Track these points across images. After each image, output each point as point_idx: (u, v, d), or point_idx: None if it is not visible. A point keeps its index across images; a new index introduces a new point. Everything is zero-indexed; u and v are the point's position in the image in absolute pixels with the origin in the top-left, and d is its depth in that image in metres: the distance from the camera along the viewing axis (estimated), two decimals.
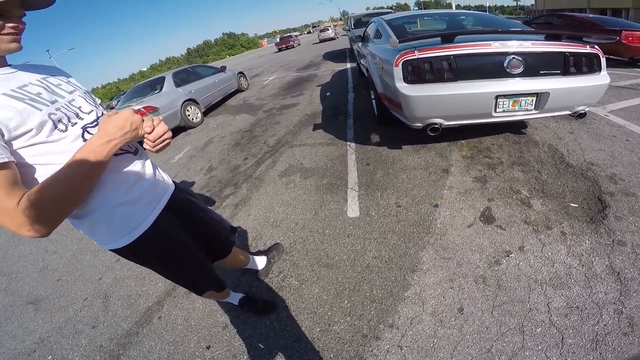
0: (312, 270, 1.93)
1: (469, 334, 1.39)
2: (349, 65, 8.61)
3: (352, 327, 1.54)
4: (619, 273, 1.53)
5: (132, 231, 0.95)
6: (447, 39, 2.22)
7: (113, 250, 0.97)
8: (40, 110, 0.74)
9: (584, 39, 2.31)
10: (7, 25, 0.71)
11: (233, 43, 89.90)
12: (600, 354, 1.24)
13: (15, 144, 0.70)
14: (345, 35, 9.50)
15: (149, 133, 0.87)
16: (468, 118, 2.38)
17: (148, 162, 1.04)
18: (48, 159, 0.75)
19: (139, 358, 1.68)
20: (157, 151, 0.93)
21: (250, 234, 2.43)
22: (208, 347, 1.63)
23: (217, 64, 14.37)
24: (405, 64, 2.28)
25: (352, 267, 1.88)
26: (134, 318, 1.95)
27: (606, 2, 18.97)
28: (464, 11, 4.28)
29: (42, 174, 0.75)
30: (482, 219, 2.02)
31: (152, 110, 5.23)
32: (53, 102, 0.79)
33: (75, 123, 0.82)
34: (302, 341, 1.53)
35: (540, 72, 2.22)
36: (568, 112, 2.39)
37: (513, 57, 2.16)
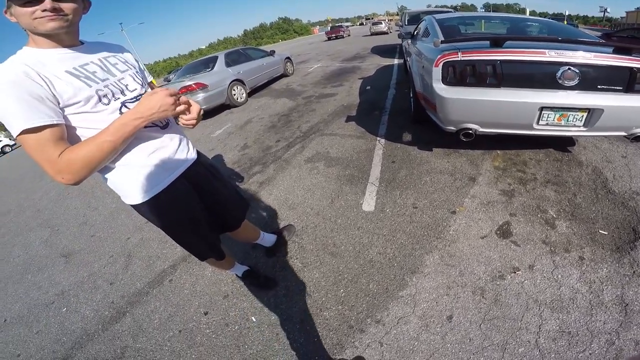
0: (317, 255, 2.00)
1: (450, 343, 1.38)
2: (396, 61, 8.35)
3: (341, 316, 1.59)
4: (627, 304, 1.43)
5: (149, 190, 1.08)
6: (497, 43, 2.09)
7: (132, 206, 1.12)
8: (90, 87, 0.90)
9: None
10: (38, 9, 0.81)
11: (287, 28, 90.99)
12: None
13: (67, 111, 0.87)
14: (398, 31, 9.19)
15: (184, 113, 1.02)
16: (506, 127, 2.25)
17: (175, 135, 1.16)
18: (90, 124, 0.91)
19: (142, 316, 1.85)
20: (189, 127, 1.11)
21: (268, 212, 2.55)
22: (206, 313, 1.76)
23: (269, 47, 14.73)
24: (446, 65, 2.20)
25: (355, 258, 1.92)
26: (148, 278, 2.13)
27: None
28: (530, 17, 3.93)
29: (84, 135, 0.91)
30: (498, 232, 1.94)
31: (202, 87, 5.58)
32: (104, 80, 0.95)
33: (118, 98, 0.97)
34: (291, 321, 1.61)
35: (598, 86, 2.02)
36: (623, 134, 2.16)
37: (568, 68, 1.99)
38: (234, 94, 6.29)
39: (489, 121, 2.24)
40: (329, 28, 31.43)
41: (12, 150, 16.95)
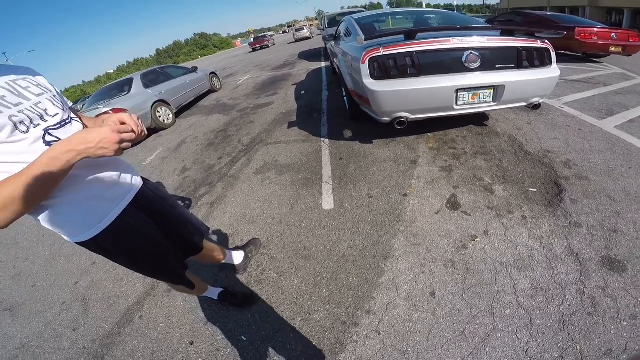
0: (290, 262, 1.97)
1: (442, 317, 1.46)
2: (323, 64, 8.68)
3: (331, 315, 1.59)
4: (577, 254, 1.64)
5: (97, 224, 0.96)
6: (410, 36, 2.32)
7: (80, 244, 0.98)
8: (1, 112, 0.76)
9: (535, 34, 2.50)
10: None
11: (205, 43, 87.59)
12: (569, 334, 1.30)
13: None
14: (320, 34, 9.59)
15: (136, 134, 0.89)
16: (432, 111, 2.50)
17: (115, 161, 1.05)
18: (8, 158, 0.77)
19: (124, 357, 1.66)
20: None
21: (227, 231, 2.43)
22: (191, 343, 1.64)
23: (189, 64, 13.99)
24: (371, 61, 2.36)
25: (328, 257, 1.94)
26: (114, 319, 1.92)
27: (565, 0, 20.32)
28: (429, 9, 4.46)
29: (4, 171, 0.76)
30: (448, 205, 2.14)
31: (121, 112, 5.04)
32: (17, 105, 0.81)
33: (38, 125, 0.83)
34: (283, 331, 1.57)
35: (496, 66, 2.38)
36: (524, 104, 2.57)
37: (470, 53, 2.30)
38: (160, 116, 5.82)
39: (416, 108, 2.47)
40: (253, 39, 31.11)
41: None
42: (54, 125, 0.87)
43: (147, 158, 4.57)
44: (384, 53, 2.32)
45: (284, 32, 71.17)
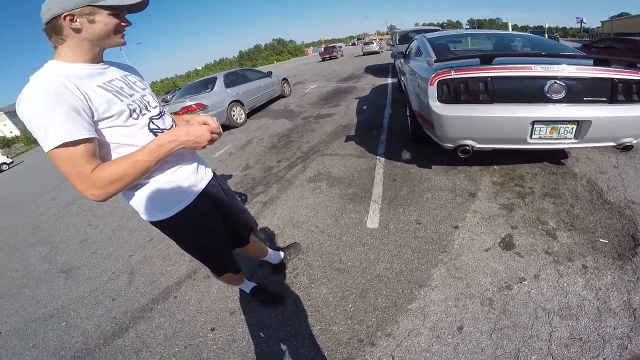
0: (324, 272, 2.01)
1: (463, 353, 1.38)
2: (390, 80, 8.62)
3: (350, 330, 1.59)
4: (635, 309, 1.44)
5: (173, 207, 1.12)
6: (486, 60, 2.21)
7: (154, 223, 1.15)
8: (122, 101, 0.94)
9: (638, 64, 2.17)
10: (122, 24, 0.91)
11: (281, 49, 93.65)
12: None
13: (100, 125, 0.89)
14: (390, 50, 9.54)
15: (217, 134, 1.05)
16: (501, 142, 2.33)
17: (194, 153, 1.23)
18: (120, 140, 0.94)
19: (146, 332, 1.84)
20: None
21: (273, 230, 2.58)
22: (212, 330, 1.75)
23: (265, 68, 15.16)
24: (440, 84, 2.31)
25: (362, 274, 1.93)
26: (152, 295, 2.12)
27: None
28: (511, 32, 4.16)
29: (113, 151, 0.94)
30: (501, 244, 1.97)
31: (202, 107, 5.72)
32: (131, 96, 0.99)
33: (145, 114, 1.01)
34: (300, 336, 1.61)
35: (584, 98, 2.12)
36: (612, 144, 2.24)
37: (555, 82, 2.10)
38: (234, 115, 6.43)
39: (484, 137, 2.32)
40: (323, 49, 32.26)
41: (8, 168, 16.78)
42: (155, 115, 1.06)
43: (216, 152, 5.09)
44: (455, 76, 2.24)
45: (353, 44, 72.36)
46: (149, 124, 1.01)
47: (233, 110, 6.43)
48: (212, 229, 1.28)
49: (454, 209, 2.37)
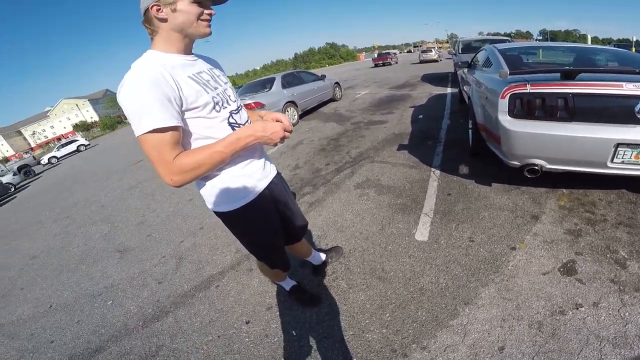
0: (364, 278, 1.99)
1: None
2: (449, 90, 8.22)
3: (384, 340, 1.55)
4: None
5: (241, 199, 1.17)
6: (569, 75, 2.01)
7: (217, 213, 1.18)
8: (208, 93, 0.98)
9: None
10: (205, 12, 0.92)
11: (333, 53, 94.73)
12: None
13: (187, 115, 0.93)
14: (450, 58, 9.12)
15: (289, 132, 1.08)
16: (576, 165, 2.10)
17: (262, 150, 1.29)
18: (201, 131, 0.98)
19: (184, 318, 1.92)
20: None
21: (317, 232, 2.61)
22: (247, 322, 1.80)
23: (317, 71, 15.47)
24: (513, 97, 2.16)
25: (404, 285, 1.87)
26: (196, 282, 2.20)
27: None
28: (595, 46, 3.72)
29: (194, 140, 0.98)
30: (561, 269, 1.77)
31: (260, 106, 6.05)
32: (215, 89, 1.02)
33: (226, 107, 1.05)
34: (332, 339, 1.60)
35: None
36: None
37: None
38: (287, 115, 6.68)
39: (558, 157, 2.12)
40: (376, 55, 31.81)
41: (85, 149, 19.28)
42: (234, 110, 1.11)
43: (268, 150, 5.32)
44: (532, 90, 2.08)
45: (409, 51, 70.34)
46: (228, 117, 1.05)
47: (287, 111, 6.69)
48: (270, 226, 1.31)
49: (512, 230, 2.19)
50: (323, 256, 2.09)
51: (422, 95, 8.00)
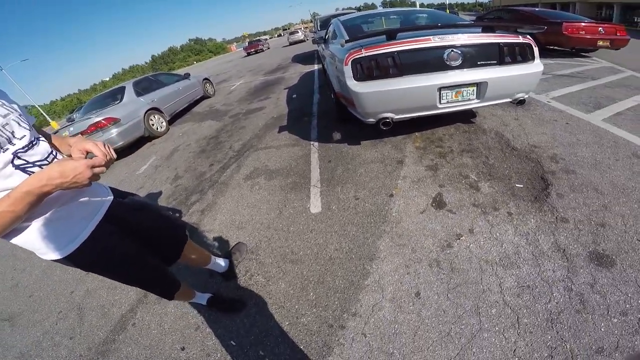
0: (278, 266, 1.98)
1: (428, 318, 1.45)
2: (316, 67, 8.70)
3: (318, 318, 1.59)
4: (564, 250, 1.62)
5: (69, 244, 0.97)
6: (391, 36, 2.33)
7: (55, 261, 0.98)
8: None
9: (517, 29, 2.50)
10: None
11: (200, 49, 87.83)
12: (557, 332, 1.28)
13: None
14: (313, 37, 9.63)
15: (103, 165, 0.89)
16: (416, 111, 2.51)
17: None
18: None
19: None
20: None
21: (216, 236, 2.43)
22: (183, 349, 1.65)
23: (184, 70, 14.06)
24: (354, 62, 2.37)
25: (315, 260, 1.94)
26: (109, 326, 1.94)
27: None
28: (414, 9, 4.48)
29: None
30: (433, 204, 2.14)
31: (114, 121, 5.06)
32: None
33: (7, 149, 0.83)
34: (272, 335, 1.57)
35: (478, 63, 2.38)
36: (509, 100, 2.57)
37: (452, 50, 2.31)
38: (153, 124, 5.82)
39: (400, 108, 2.47)
40: (247, 43, 31.17)
41: None
42: (22, 147, 0.87)
43: (140, 167, 4.58)
44: (366, 54, 2.32)
45: (279, 35, 71.45)
46: (12, 160, 0.83)
47: (151, 119, 5.82)
48: (124, 255, 1.13)
49: (386, 178, 2.50)
50: (224, 261, 1.96)
51: (293, 76, 8.23)
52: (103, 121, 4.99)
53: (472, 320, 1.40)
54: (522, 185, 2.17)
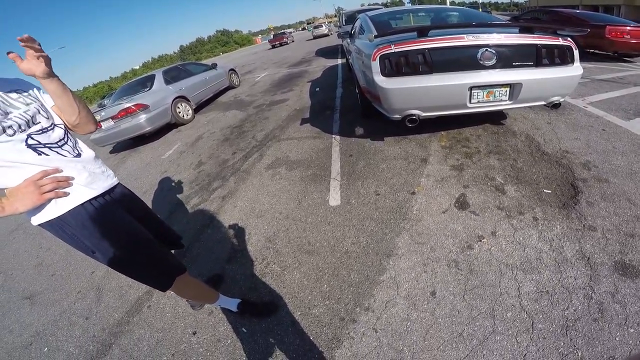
0: (294, 257, 2.00)
1: (441, 318, 1.43)
2: (339, 61, 8.65)
3: (330, 311, 1.60)
4: (588, 258, 1.57)
5: (67, 203, 1.05)
6: (422, 33, 2.29)
7: (43, 226, 1.08)
8: None
9: (557, 31, 2.40)
10: None
11: (226, 40, 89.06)
12: (571, 339, 1.25)
13: None
14: (338, 31, 9.61)
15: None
16: (444, 109, 2.46)
17: (89, 164, 1.15)
18: None
19: (130, 346, 1.73)
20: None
21: (236, 224, 2.50)
22: (194, 333, 1.69)
23: (210, 61, 14.36)
24: (382, 58, 2.35)
25: (331, 253, 1.95)
26: (125, 308, 2.00)
27: None
28: (446, 7, 4.36)
29: None
30: (456, 205, 2.10)
31: (143, 107, 5.27)
32: (7, 114, 0.95)
33: (24, 130, 0.96)
34: (283, 324, 1.59)
35: (513, 63, 2.30)
36: (543, 103, 2.47)
37: (486, 50, 2.24)
38: (179, 112, 6.02)
39: (428, 105, 2.43)
40: (272, 36, 31.39)
41: None
42: (37, 131, 0.99)
43: (165, 152, 4.75)
44: (395, 50, 2.30)
45: (303, 29, 71.37)
46: (26, 139, 0.96)
47: (178, 107, 6.02)
48: (125, 221, 1.20)
49: (408, 175, 2.48)
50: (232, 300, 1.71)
51: (317, 69, 8.23)
52: (133, 107, 5.21)
53: (486, 322, 1.38)
54: (550, 191, 2.09)
